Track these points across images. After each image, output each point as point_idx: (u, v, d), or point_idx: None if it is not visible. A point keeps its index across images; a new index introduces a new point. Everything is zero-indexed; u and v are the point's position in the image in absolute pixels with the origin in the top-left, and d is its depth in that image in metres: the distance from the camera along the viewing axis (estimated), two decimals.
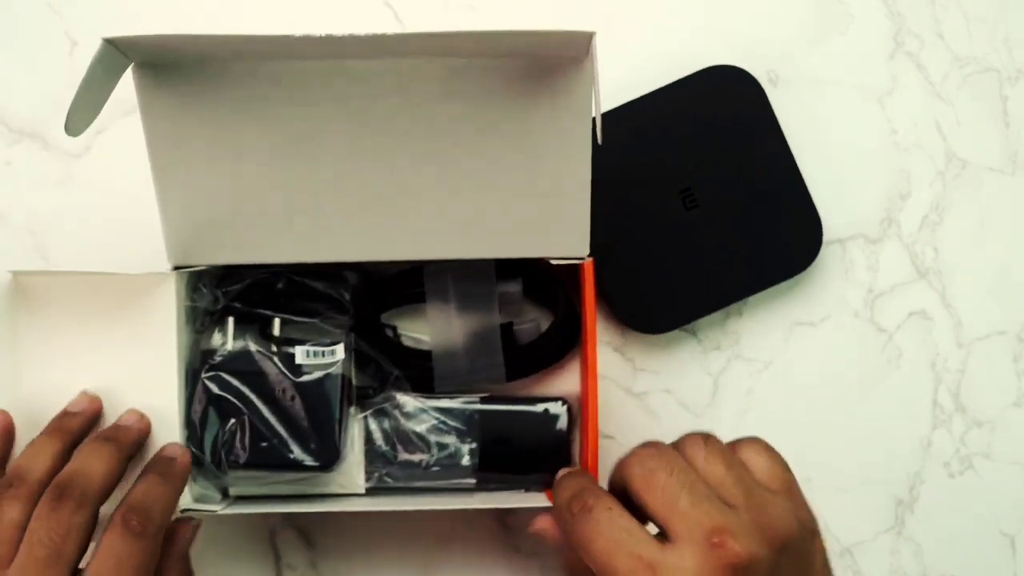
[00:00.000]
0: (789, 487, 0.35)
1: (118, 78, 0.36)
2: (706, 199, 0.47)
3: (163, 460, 0.39)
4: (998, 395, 0.50)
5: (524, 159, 0.39)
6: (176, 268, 0.41)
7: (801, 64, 0.50)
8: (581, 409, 0.45)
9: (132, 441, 0.39)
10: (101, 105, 0.36)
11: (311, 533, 0.48)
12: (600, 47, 0.50)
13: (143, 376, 0.42)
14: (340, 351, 0.43)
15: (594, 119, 0.38)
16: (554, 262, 0.41)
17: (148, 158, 0.39)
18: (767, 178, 0.48)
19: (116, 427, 0.39)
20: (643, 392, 0.49)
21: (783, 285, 0.48)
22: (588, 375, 0.42)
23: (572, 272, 0.42)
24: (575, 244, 0.41)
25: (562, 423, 0.45)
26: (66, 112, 0.34)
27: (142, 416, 0.40)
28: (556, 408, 0.45)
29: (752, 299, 0.49)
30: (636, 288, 0.48)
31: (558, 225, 0.40)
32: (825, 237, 0.48)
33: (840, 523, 0.49)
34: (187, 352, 0.43)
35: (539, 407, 0.45)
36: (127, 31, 0.34)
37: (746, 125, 0.48)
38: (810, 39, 0.50)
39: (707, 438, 0.35)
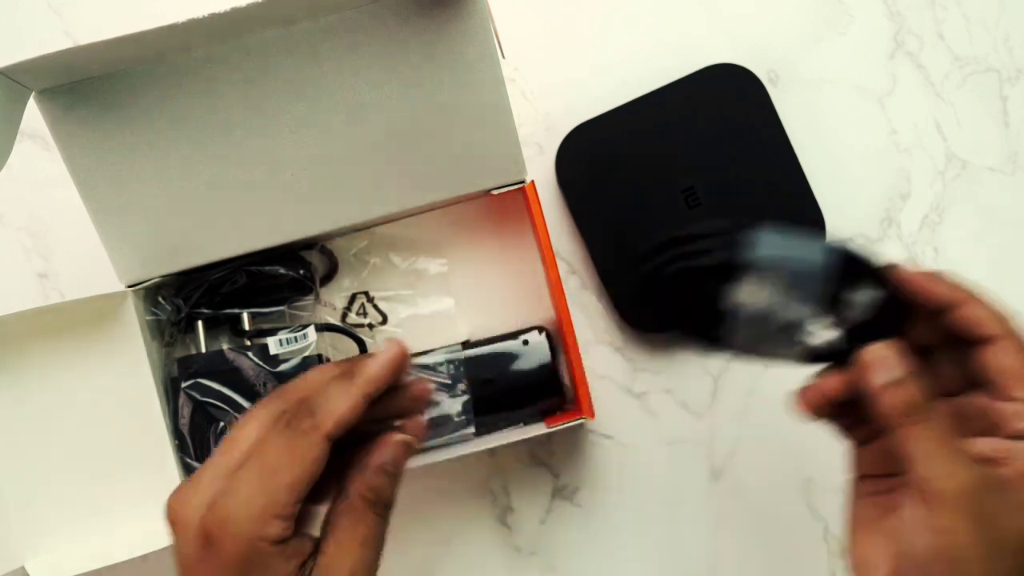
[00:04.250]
0: None
1: (22, 107, 0.36)
2: (709, 198, 0.47)
3: (355, 358, 0.36)
4: None
5: (440, 96, 0.39)
6: (130, 286, 0.41)
7: (801, 64, 0.50)
8: (559, 332, 0.45)
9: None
10: (13, 137, 0.35)
11: None
12: (602, 47, 0.50)
13: (123, 396, 0.42)
14: (312, 333, 0.43)
15: (496, 36, 0.38)
16: (495, 192, 0.41)
17: (73, 183, 0.39)
18: (769, 176, 0.47)
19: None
20: (643, 392, 0.49)
21: None
22: (557, 297, 0.42)
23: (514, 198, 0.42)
24: (512, 170, 0.41)
25: (544, 351, 0.45)
26: None
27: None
28: (535, 338, 0.45)
29: None
30: (637, 288, 0.48)
31: (491, 154, 0.40)
32: (825, 237, 0.48)
33: (840, 523, 0.49)
34: (159, 365, 0.43)
35: (519, 340, 0.46)
36: (127, 31, 0.34)
37: (749, 123, 0.48)
38: (810, 39, 0.50)
39: None
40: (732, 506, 0.49)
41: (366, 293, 0.47)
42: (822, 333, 0.36)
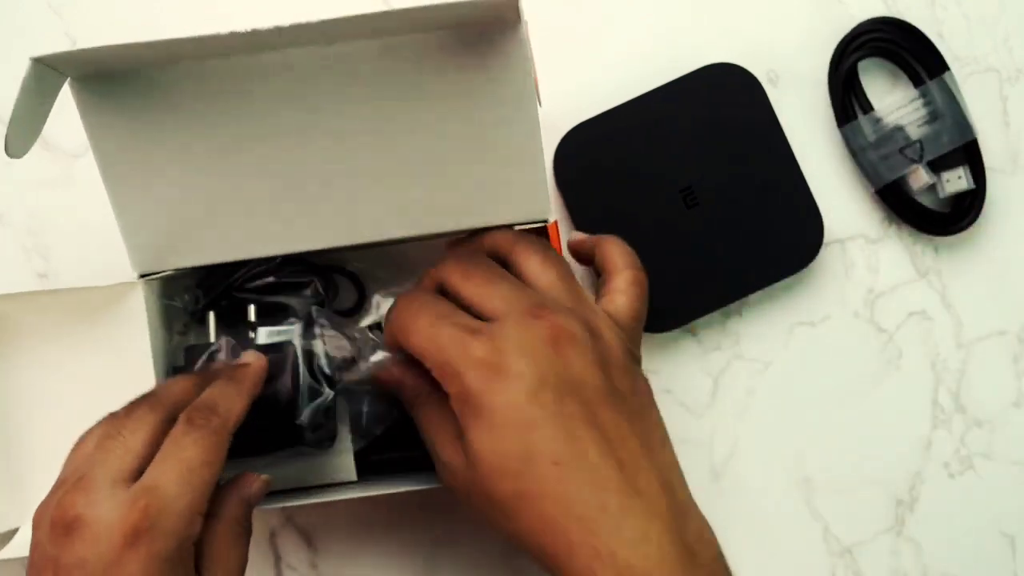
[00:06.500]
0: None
1: (55, 95, 0.36)
2: (707, 198, 0.47)
3: (233, 365, 0.38)
4: (998, 395, 0.50)
5: (472, 129, 0.39)
6: (142, 276, 0.41)
7: (801, 64, 0.50)
8: None
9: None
10: (42, 124, 0.35)
11: (311, 533, 0.48)
12: (602, 46, 0.50)
13: (124, 387, 0.42)
14: (298, 326, 0.43)
15: (534, 79, 0.38)
16: (518, 228, 0.41)
17: (98, 170, 0.39)
18: (768, 176, 0.48)
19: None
20: None
21: (783, 285, 0.48)
22: None
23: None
24: (537, 207, 0.41)
25: None
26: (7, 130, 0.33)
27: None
28: None
29: (752, 299, 0.49)
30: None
31: (517, 191, 0.40)
32: (825, 237, 0.48)
33: (840, 523, 0.49)
34: (165, 354, 0.43)
35: None
36: (127, 31, 0.34)
37: (747, 123, 0.48)
38: (810, 39, 0.50)
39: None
40: (732, 506, 0.49)
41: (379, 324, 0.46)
42: (919, 177, 0.46)
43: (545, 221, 0.41)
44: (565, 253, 0.42)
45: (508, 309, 0.33)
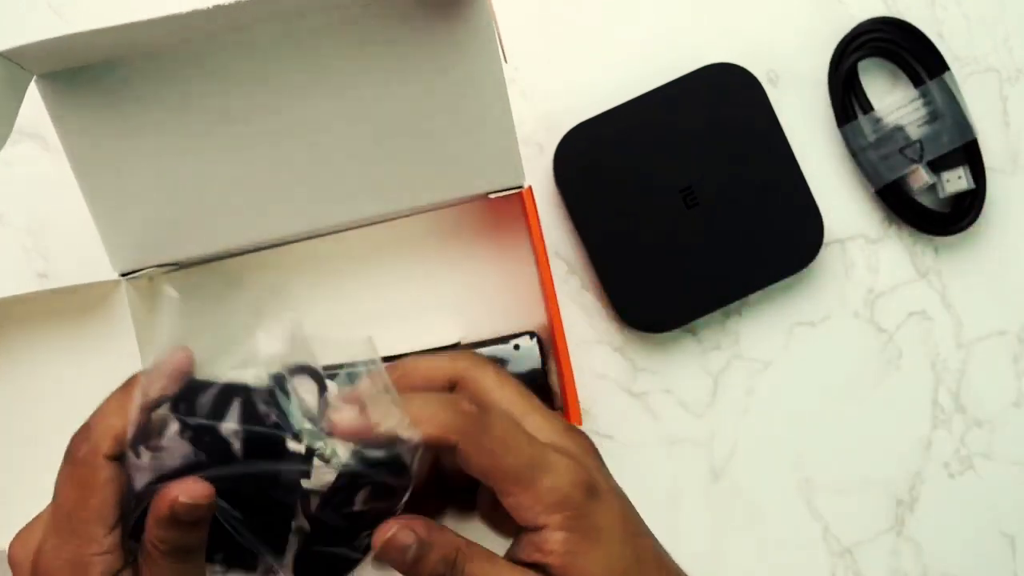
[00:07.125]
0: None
1: (23, 91, 0.35)
2: (707, 198, 0.47)
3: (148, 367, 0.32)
4: (998, 395, 0.50)
5: (440, 97, 0.39)
6: (124, 275, 0.41)
7: (801, 64, 0.50)
8: (551, 339, 0.45)
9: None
10: (12, 120, 0.35)
11: None
12: (603, 46, 0.50)
13: (113, 386, 0.41)
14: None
15: (499, 38, 0.38)
16: (492, 196, 0.41)
17: (70, 168, 0.39)
18: (768, 176, 0.47)
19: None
20: (643, 392, 0.49)
21: (783, 285, 0.48)
22: (550, 304, 0.42)
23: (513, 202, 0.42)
24: (510, 174, 0.41)
25: (534, 357, 0.45)
26: None
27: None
28: (526, 343, 0.45)
29: (752, 299, 0.49)
30: (636, 288, 0.48)
31: (490, 158, 0.40)
32: (825, 237, 0.48)
33: (840, 523, 0.49)
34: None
35: (510, 345, 0.45)
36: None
37: (747, 123, 0.48)
38: (810, 39, 0.50)
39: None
40: (732, 506, 0.49)
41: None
42: (919, 177, 0.46)
43: (520, 187, 0.41)
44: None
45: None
